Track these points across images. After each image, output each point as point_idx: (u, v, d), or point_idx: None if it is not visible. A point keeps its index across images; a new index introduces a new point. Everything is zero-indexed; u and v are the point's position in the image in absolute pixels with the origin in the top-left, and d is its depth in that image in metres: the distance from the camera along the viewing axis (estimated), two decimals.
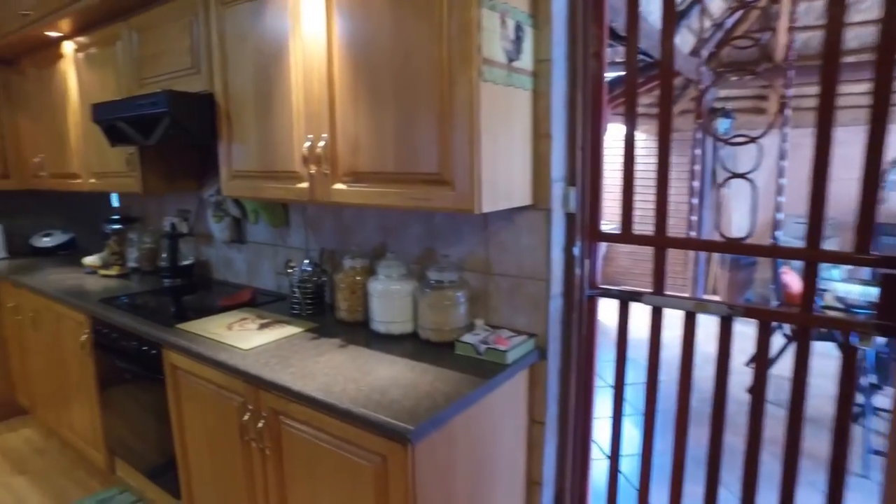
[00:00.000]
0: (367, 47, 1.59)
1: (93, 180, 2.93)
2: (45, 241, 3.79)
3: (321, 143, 1.72)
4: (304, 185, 1.80)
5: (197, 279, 2.90)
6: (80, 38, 2.81)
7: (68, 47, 2.91)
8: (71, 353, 2.67)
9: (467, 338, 1.73)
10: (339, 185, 1.72)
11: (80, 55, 2.83)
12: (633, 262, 6.87)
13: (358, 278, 1.99)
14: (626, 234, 1.82)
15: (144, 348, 2.11)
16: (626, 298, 1.85)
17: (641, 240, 1.81)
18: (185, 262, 2.86)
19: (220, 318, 2.13)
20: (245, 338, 1.89)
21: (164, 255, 2.83)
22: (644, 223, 1.93)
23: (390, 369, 1.61)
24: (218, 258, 2.90)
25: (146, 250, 3.08)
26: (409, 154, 1.55)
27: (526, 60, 1.63)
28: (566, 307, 1.84)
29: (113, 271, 3.01)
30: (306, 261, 2.18)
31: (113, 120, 2.23)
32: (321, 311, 2.18)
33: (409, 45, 1.50)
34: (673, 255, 6.45)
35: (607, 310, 2.29)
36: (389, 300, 1.86)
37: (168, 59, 2.28)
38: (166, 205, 3.19)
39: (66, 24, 2.73)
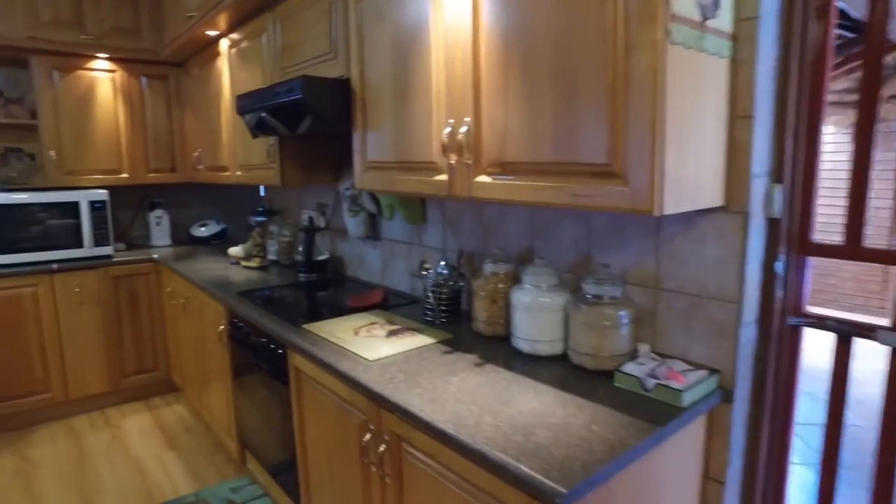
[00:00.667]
0: (519, 15, 1.32)
1: (239, 173, 2.98)
2: (202, 231, 4.01)
3: (463, 129, 1.49)
4: (443, 177, 1.58)
5: (331, 275, 2.83)
6: (234, 35, 2.85)
7: (224, 45, 2.98)
8: (211, 342, 2.71)
9: (630, 368, 1.40)
10: (482, 178, 1.47)
11: (233, 51, 2.88)
12: (817, 277, 5.90)
13: (500, 286, 1.73)
14: (853, 248, 1.38)
15: (272, 346, 2.03)
16: (848, 333, 1.41)
17: (880, 256, 1.35)
18: (321, 258, 2.80)
19: (347, 321, 1.99)
20: (371, 346, 1.71)
21: (300, 249, 2.79)
22: (828, 231, 1.46)
23: (536, 401, 1.33)
24: (352, 254, 2.80)
25: (285, 243, 3.09)
26: (568, 141, 1.25)
27: (724, 19, 1.26)
28: (761, 338, 1.44)
29: (254, 263, 3.05)
30: (442, 262, 1.97)
31: (254, 110, 2.19)
32: (456, 319, 1.96)
33: (573, 5, 1.21)
34: (864, 270, 5.45)
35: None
36: (536, 314, 1.58)
37: (307, 46, 2.18)
38: (305, 198, 3.18)
39: (222, 21, 2.78)
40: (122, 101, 3.56)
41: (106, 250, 3.39)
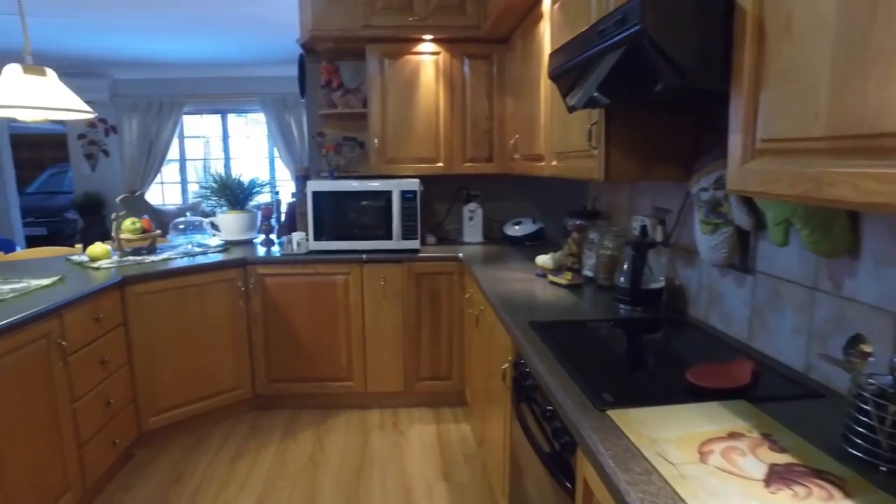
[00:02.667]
0: None
1: (554, 162, 2.35)
2: (515, 230, 3.55)
3: None
4: None
5: (664, 313, 1.98)
6: None
7: (546, 3, 2.37)
8: (495, 376, 2.16)
9: None
10: None
11: (556, 7, 2.24)
12: None
13: None
14: None
15: (558, 426, 1.32)
16: None
17: None
18: (653, 286, 1.97)
19: (686, 416, 1.15)
20: None
21: (624, 269, 2.02)
22: None
23: None
24: (700, 287, 1.90)
25: (605, 258, 2.34)
26: None
27: None
28: None
29: (563, 279, 2.39)
30: None
31: (568, 69, 1.49)
32: None
33: None
34: None
35: None
36: None
37: None
38: (641, 198, 2.37)
39: None
40: (444, 85, 3.30)
41: (412, 244, 3.18)
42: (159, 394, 2.86)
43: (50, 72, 2.58)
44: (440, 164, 3.36)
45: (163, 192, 7.46)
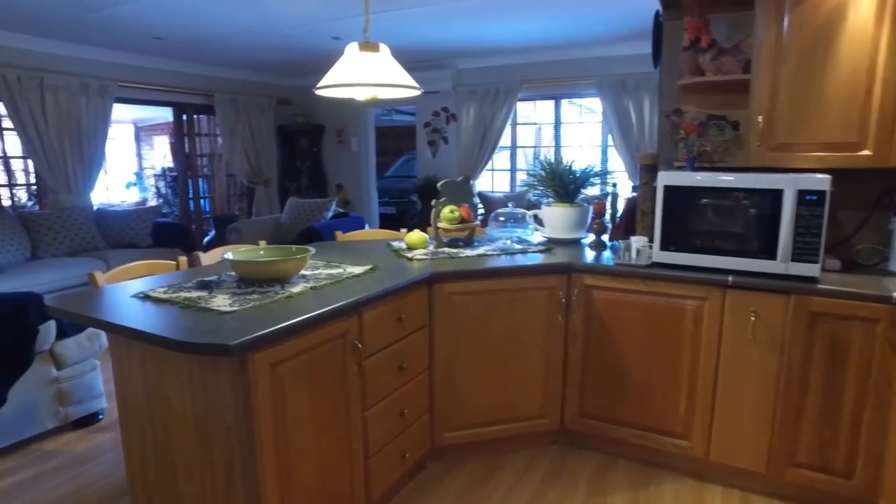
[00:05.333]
0: None
1: None
2: None
3: None
4: None
5: None
6: None
7: None
8: None
9: None
10: None
11: None
12: None
13: None
14: None
15: None
16: None
17: None
18: None
19: None
20: None
21: None
22: None
23: None
24: None
25: None
26: None
27: None
28: None
29: None
30: None
31: None
32: None
33: None
34: None
35: None
36: None
37: None
38: None
39: None
40: (890, 28, 2.14)
41: (809, 269, 2.15)
42: (457, 408, 2.51)
43: (383, 47, 2.39)
44: (866, 153, 2.22)
45: (492, 179, 7.54)
